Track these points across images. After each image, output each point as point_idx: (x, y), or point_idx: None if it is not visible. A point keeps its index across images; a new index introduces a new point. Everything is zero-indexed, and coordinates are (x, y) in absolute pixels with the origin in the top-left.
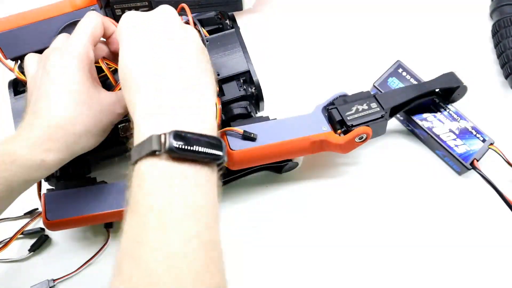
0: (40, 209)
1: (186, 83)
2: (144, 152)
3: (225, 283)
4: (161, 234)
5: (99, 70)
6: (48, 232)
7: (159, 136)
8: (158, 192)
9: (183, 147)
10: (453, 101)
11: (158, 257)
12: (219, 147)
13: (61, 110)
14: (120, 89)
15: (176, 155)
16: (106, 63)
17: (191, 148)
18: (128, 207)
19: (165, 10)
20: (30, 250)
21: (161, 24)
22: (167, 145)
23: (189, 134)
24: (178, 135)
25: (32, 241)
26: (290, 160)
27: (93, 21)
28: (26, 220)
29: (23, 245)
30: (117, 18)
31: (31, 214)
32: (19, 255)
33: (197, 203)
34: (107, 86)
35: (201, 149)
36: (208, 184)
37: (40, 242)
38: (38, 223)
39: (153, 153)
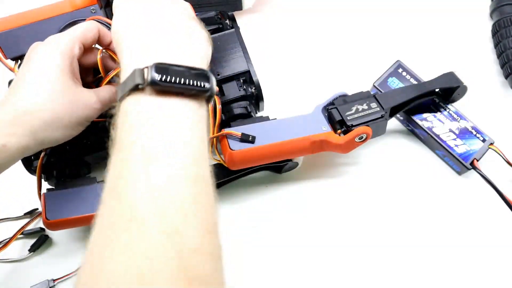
0: (40, 209)
1: (173, 45)
2: (127, 87)
3: (215, 217)
4: (144, 167)
5: (97, 72)
6: (48, 232)
7: (142, 70)
8: (141, 127)
9: (166, 79)
10: (453, 101)
11: (140, 190)
12: (206, 78)
13: (31, 95)
14: (107, 83)
15: (159, 87)
16: (107, 51)
17: (175, 79)
18: (113, 146)
19: None
20: (30, 250)
21: None
22: (149, 77)
23: (172, 65)
24: (160, 67)
25: (32, 241)
26: (290, 160)
27: (87, 25)
28: (26, 220)
29: (23, 245)
30: None
31: (31, 214)
32: (19, 255)
33: (183, 137)
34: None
35: (186, 80)
36: (196, 118)
37: (40, 242)
38: (38, 223)
39: (136, 88)
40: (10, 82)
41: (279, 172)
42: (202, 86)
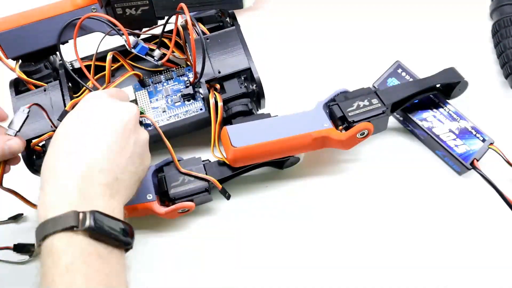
0: (25, 214)
1: (96, 166)
2: (59, 226)
3: None
4: None
5: (98, 69)
6: None
7: (78, 213)
8: (76, 270)
9: (101, 228)
10: (454, 97)
11: None
12: (131, 235)
13: None
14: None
15: (94, 234)
16: (114, 56)
17: (108, 231)
18: (42, 286)
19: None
20: (30, 255)
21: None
22: (86, 223)
23: (108, 217)
24: (98, 216)
25: None
26: (292, 155)
27: None
28: (11, 225)
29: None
30: (117, 17)
31: (16, 219)
32: (18, 258)
33: (112, 282)
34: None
35: (116, 234)
36: (119, 265)
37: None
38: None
39: (70, 229)
40: (11, 82)
41: (280, 167)
42: (127, 242)
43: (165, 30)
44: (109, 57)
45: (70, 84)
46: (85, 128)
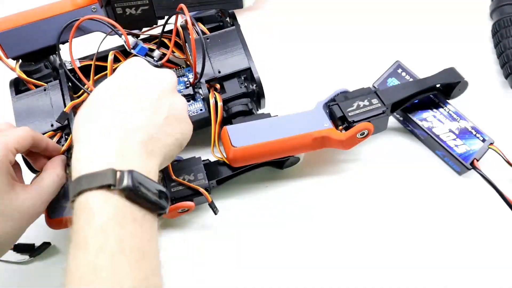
0: None
1: (140, 135)
2: (96, 183)
3: None
4: (112, 276)
5: (99, 69)
6: (48, 236)
7: (116, 171)
8: (111, 231)
9: (138, 189)
10: (454, 97)
11: None
12: (167, 199)
13: None
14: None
15: (131, 195)
16: (115, 55)
17: (145, 192)
18: (73, 243)
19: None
20: (30, 255)
21: (131, 76)
22: (124, 182)
23: (145, 178)
24: (136, 176)
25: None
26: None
27: (22, 132)
28: None
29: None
30: (118, 17)
31: None
32: (18, 258)
33: (145, 247)
34: None
35: (152, 196)
36: (153, 230)
37: (42, 249)
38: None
39: (107, 187)
40: (11, 82)
41: (280, 167)
42: (162, 206)
43: (165, 30)
44: (110, 57)
45: (70, 84)
46: (119, 93)
